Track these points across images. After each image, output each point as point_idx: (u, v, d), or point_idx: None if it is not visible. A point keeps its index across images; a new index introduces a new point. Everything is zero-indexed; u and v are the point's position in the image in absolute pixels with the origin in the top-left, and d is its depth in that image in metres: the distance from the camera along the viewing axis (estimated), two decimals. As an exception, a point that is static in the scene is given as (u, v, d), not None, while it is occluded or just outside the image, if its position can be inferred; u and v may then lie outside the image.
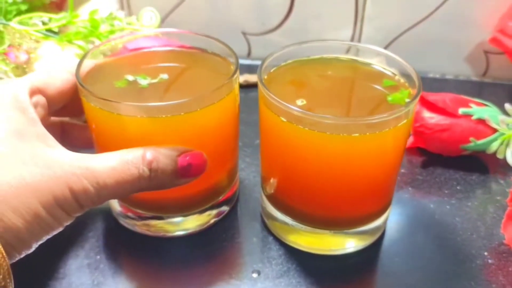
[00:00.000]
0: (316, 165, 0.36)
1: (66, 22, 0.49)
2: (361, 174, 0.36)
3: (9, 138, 0.30)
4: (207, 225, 0.43)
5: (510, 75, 0.64)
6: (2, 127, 0.31)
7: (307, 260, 0.41)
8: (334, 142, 0.34)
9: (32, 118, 0.32)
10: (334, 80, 0.41)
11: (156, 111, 0.34)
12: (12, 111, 0.32)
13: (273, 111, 0.36)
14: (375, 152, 0.35)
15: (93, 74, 0.40)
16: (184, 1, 0.66)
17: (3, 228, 0.28)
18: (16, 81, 0.34)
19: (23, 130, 0.31)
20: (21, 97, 0.33)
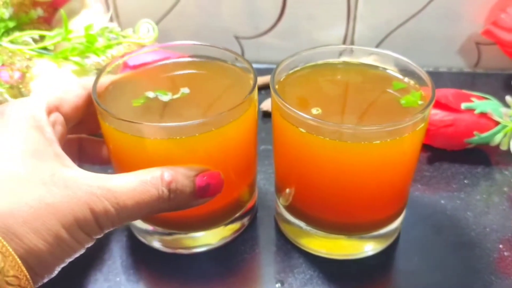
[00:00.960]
0: (336, 173, 0.36)
1: (62, 39, 0.48)
2: (381, 179, 0.37)
3: (27, 159, 0.29)
4: (230, 239, 0.42)
5: (501, 64, 0.66)
6: (19, 148, 0.30)
7: (328, 266, 0.41)
8: (355, 150, 0.34)
9: (49, 138, 0.32)
10: (344, 86, 0.41)
11: (177, 132, 0.34)
12: (29, 130, 0.31)
13: (290, 122, 0.35)
14: (395, 157, 0.36)
15: (109, 92, 0.39)
16: (174, 8, 0.65)
17: (25, 250, 0.27)
18: (32, 99, 0.33)
19: (41, 150, 0.30)
20: (38, 116, 0.32)
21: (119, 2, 0.65)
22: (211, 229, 0.41)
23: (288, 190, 0.41)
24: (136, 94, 0.39)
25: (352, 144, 0.34)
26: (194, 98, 0.38)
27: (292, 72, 0.41)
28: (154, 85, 0.40)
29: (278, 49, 0.67)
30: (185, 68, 0.43)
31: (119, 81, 0.41)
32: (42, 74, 0.49)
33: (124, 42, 0.49)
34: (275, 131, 0.40)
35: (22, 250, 0.27)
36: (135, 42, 0.49)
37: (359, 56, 0.42)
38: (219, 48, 0.43)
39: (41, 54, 0.50)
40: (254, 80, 0.38)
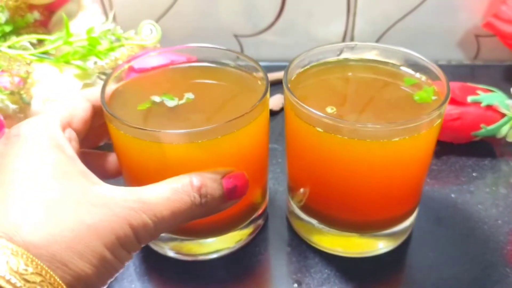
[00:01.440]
0: (353, 172, 0.36)
1: (63, 42, 0.47)
2: (398, 177, 0.36)
3: (56, 180, 0.28)
4: (246, 241, 0.42)
5: (500, 56, 0.66)
6: (45, 170, 0.29)
7: (344, 264, 0.40)
8: (373, 148, 0.34)
9: (70, 156, 0.30)
10: (355, 83, 0.40)
11: (196, 137, 0.33)
12: (50, 151, 0.30)
13: (306, 121, 0.35)
14: (412, 154, 0.35)
15: (115, 98, 0.38)
16: (171, 9, 0.64)
17: (73, 277, 0.26)
18: (45, 117, 0.32)
19: (67, 169, 0.29)
20: (56, 134, 0.31)
21: (116, 2, 0.64)
22: (227, 233, 0.40)
23: (303, 190, 0.40)
24: (141, 99, 0.38)
25: (370, 142, 0.33)
26: (203, 103, 0.38)
27: (303, 70, 0.41)
28: (161, 89, 0.39)
29: (277, 47, 0.67)
30: (191, 71, 0.42)
31: (125, 87, 0.40)
32: (44, 79, 0.48)
33: (127, 44, 0.48)
34: (288, 130, 0.39)
35: (69, 277, 0.26)
36: (138, 44, 0.48)
37: (363, 51, 0.42)
38: (225, 50, 0.42)
39: (41, 59, 0.49)
40: (266, 79, 0.37)
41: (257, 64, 0.40)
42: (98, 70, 0.47)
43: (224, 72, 0.42)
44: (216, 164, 0.35)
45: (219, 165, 0.35)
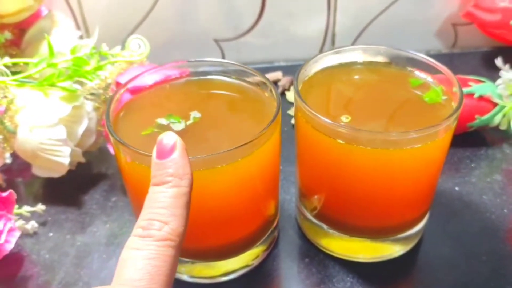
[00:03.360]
0: (370, 179, 0.36)
1: (47, 65, 0.44)
2: (416, 181, 0.36)
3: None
4: (263, 257, 0.41)
5: (477, 43, 0.67)
6: None
7: (364, 270, 0.40)
8: (393, 156, 0.34)
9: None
10: (363, 87, 0.40)
11: (206, 164, 0.32)
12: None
13: (321, 131, 0.34)
14: (430, 158, 0.35)
15: (117, 124, 0.36)
16: (148, 16, 0.62)
17: None
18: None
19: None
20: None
21: (88, 14, 0.61)
22: (245, 252, 0.39)
23: (317, 197, 0.40)
24: (145, 122, 0.36)
25: (392, 151, 0.33)
26: (211, 121, 0.36)
27: (309, 77, 0.40)
28: (163, 110, 0.38)
29: (259, 49, 0.65)
30: (191, 86, 0.41)
31: (126, 111, 0.38)
32: (28, 105, 0.45)
33: (116, 61, 0.45)
34: (300, 138, 0.38)
35: None
36: (127, 61, 0.46)
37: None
38: (226, 62, 0.41)
39: (22, 84, 0.46)
40: (277, 98, 0.36)
41: (261, 75, 0.38)
42: (87, 92, 0.45)
43: (226, 85, 0.41)
44: (229, 188, 0.34)
45: (232, 190, 0.34)
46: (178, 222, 0.27)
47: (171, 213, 0.27)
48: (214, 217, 0.35)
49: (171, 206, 0.27)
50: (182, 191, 0.28)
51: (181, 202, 0.28)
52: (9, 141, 0.46)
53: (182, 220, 0.27)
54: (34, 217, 0.45)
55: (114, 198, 0.48)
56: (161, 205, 0.27)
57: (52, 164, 0.45)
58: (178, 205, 0.27)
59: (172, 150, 0.29)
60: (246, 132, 0.35)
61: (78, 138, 0.46)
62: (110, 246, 0.43)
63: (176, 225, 0.27)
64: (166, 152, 0.29)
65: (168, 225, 0.27)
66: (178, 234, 0.27)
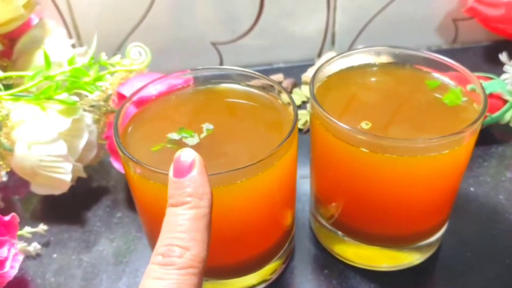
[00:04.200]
0: (393, 187, 0.34)
1: (44, 78, 0.42)
2: (439, 189, 0.35)
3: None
4: (281, 270, 0.39)
5: (477, 37, 0.67)
6: None
7: (386, 278, 0.39)
8: (418, 163, 0.32)
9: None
10: (381, 90, 0.38)
11: (223, 181, 0.30)
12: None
13: (341, 138, 0.33)
14: (455, 165, 0.34)
15: (125, 138, 0.35)
16: (142, 22, 0.59)
17: None
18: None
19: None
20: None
21: (79, 21, 0.58)
22: (264, 267, 0.37)
23: (335, 205, 0.38)
24: (155, 136, 0.35)
25: (417, 158, 0.32)
26: (224, 133, 0.35)
27: (323, 82, 0.38)
28: (173, 122, 0.36)
29: (258, 51, 0.64)
30: (198, 96, 0.39)
31: (134, 125, 0.36)
32: (25, 120, 0.43)
33: (117, 71, 0.43)
34: (316, 145, 0.37)
35: None
36: (128, 70, 0.44)
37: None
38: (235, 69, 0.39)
39: (17, 98, 0.43)
40: (293, 107, 0.34)
41: (271, 80, 0.37)
42: (88, 104, 0.42)
43: (234, 93, 0.39)
44: (248, 204, 0.32)
45: (252, 205, 0.32)
46: (200, 247, 0.25)
47: (192, 237, 0.25)
48: (233, 234, 0.34)
49: (191, 230, 0.26)
50: (202, 212, 0.26)
51: (202, 224, 0.26)
52: (5, 159, 0.43)
53: (204, 244, 0.26)
54: (35, 238, 0.43)
55: (118, 214, 0.46)
56: (180, 228, 0.26)
57: (52, 181, 0.43)
58: (199, 228, 0.26)
59: (191, 167, 0.27)
60: (263, 143, 0.34)
61: (79, 152, 0.44)
62: (118, 265, 0.41)
63: (197, 250, 0.25)
64: (184, 170, 0.27)
65: (189, 251, 0.25)
66: (200, 260, 0.25)
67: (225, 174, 0.30)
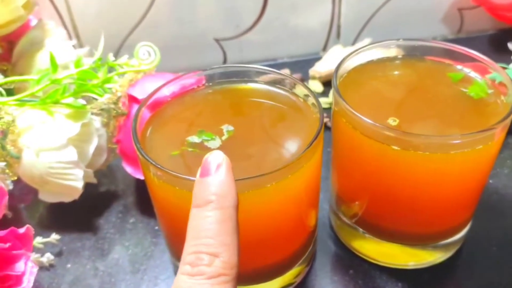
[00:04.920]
0: (421, 184, 0.33)
1: (50, 81, 0.40)
2: (467, 185, 0.34)
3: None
4: (305, 272, 0.38)
5: (482, 26, 0.66)
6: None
7: (412, 277, 0.38)
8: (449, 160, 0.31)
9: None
10: (405, 84, 0.37)
11: (248, 186, 0.29)
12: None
13: (368, 135, 0.32)
14: (485, 160, 0.33)
15: (144, 141, 0.33)
16: (143, 20, 0.58)
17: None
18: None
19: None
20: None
21: (78, 20, 0.57)
22: (290, 270, 0.36)
23: (358, 203, 0.37)
24: (174, 140, 0.33)
25: (451, 154, 0.31)
26: (246, 134, 0.33)
27: (344, 77, 0.37)
28: (191, 125, 0.35)
29: (262, 46, 0.62)
30: (213, 96, 0.38)
31: (152, 129, 0.35)
32: (32, 126, 0.41)
33: (125, 72, 0.42)
34: (340, 143, 0.36)
35: None
36: (137, 70, 0.42)
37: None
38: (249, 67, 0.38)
39: (22, 103, 0.42)
40: (318, 107, 0.33)
41: (291, 77, 0.36)
42: (98, 107, 0.41)
43: (251, 91, 0.38)
44: (276, 208, 0.31)
45: (280, 209, 0.31)
46: (230, 252, 0.24)
47: (220, 242, 0.24)
48: (260, 239, 0.32)
49: (219, 234, 0.24)
50: (227, 213, 0.24)
51: (229, 227, 0.24)
52: (12, 167, 0.42)
53: (234, 249, 0.24)
54: (47, 247, 0.42)
55: (131, 220, 0.44)
56: (207, 233, 0.24)
57: (63, 188, 0.41)
58: (227, 231, 0.24)
59: (218, 168, 0.26)
60: (287, 143, 0.33)
61: (89, 158, 0.42)
62: (136, 273, 0.40)
63: (228, 255, 0.23)
64: (211, 170, 0.26)
65: (219, 258, 0.23)
66: (231, 266, 0.23)
67: (256, 178, 0.28)
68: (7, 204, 0.37)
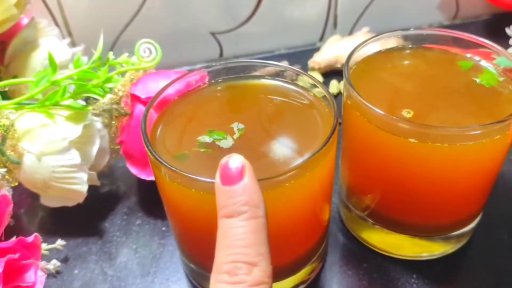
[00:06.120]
0: (437, 176, 0.33)
1: (49, 83, 0.39)
2: (482, 175, 0.34)
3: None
4: (319, 268, 0.38)
5: (478, 11, 0.66)
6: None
7: (426, 269, 0.38)
8: (467, 151, 0.31)
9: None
10: (416, 76, 0.37)
11: (280, 182, 0.28)
12: None
13: (383, 127, 0.31)
14: (499, 151, 0.33)
15: (154, 142, 0.32)
16: (137, 15, 0.56)
17: None
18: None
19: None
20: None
21: (70, 19, 0.55)
22: (306, 267, 0.36)
23: (371, 196, 0.37)
24: (184, 140, 0.32)
25: (470, 145, 0.30)
26: (257, 132, 0.33)
27: (353, 69, 0.36)
28: (200, 124, 0.34)
29: (258, 38, 0.61)
30: (221, 94, 0.37)
31: (161, 129, 0.34)
32: (33, 130, 0.39)
33: (126, 70, 0.40)
34: (352, 135, 0.35)
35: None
36: (138, 68, 0.41)
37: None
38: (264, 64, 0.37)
39: (20, 106, 0.40)
40: (327, 92, 0.33)
41: (298, 71, 0.35)
42: (100, 109, 0.39)
43: (257, 87, 0.37)
44: (293, 206, 0.31)
45: (297, 207, 0.31)
46: (267, 261, 0.24)
47: (257, 252, 0.24)
48: (278, 237, 0.32)
49: (255, 244, 0.24)
50: (261, 222, 0.24)
51: (264, 236, 0.24)
52: (13, 172, 0.40)
53: (269, 257, 0.24)
54: (52, 254, 0.41)
55: (138, 221, 0.44)
56: (242, 243, 0.24)
57: (67, 193, 0.40)
58: (262, 240, 0.24)
59: (242, 174, 0.25)
60: (301, 139, 0.32)
61: (92, 160, 0.41)
62: (146, 276, 0.39)
63: (265, 264, 0.24)
64: (235, 177, 0.25)
65: (257, 267, 0.23)
66: (269, 274, 0.24)
67: (275, 178, 0.28)
68: (11, 213, 0.36)
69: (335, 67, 0.57)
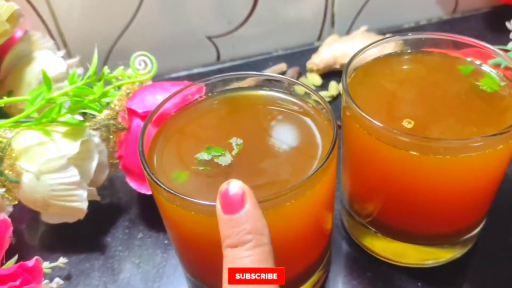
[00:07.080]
0: (439, 187, 0.32)
1: (45, 100, 0.38)
2: (485, 185, 0.34)
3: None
4: (323, 278, 0.38)
5: (476, 4, 0.65)
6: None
7: (431, 275, 0.38)
8: (471, 162, 0.30)
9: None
10: (416, 83, 0.36)
11: (281, 202, 0.28)
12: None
13: (383, 141, 0.31)
14: (505, 159, 0.32)
15: (151, 160, 0.32)
16: (132, 22, 0.55)
17: None
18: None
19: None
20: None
21: (65, 29, 0.54)
22: (310, 279, 0.36)
23: (372, 205, 0.37)
24: (183, 158, 0.32)
25: (472, 157, 0.30)
26: (256, 147, 0.32)
27: (352, 77, 0.36)
28: (197, 140, 0.33)
29: (255, 40, 0.60)
30: (218, 108, 0.36)
31: (158, 148, 0.33)
32: (30, 148, 0.39)
33: (122, 84, 0.40)
34: (354, 147, 0.35)
35: None
36: (134, 81, 0.41)
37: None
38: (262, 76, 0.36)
39: (17, 125, 0.40)
40: (325, 103, 0.32)
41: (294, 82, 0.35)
42: (98, 124, 0.39)
43: (255, 99, 0.36)
44: (296, 224, 0.30)
45: (300, 224, 0.31)
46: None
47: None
48: (281, 255, 0.31)
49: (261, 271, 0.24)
50: (267, 250, 0.24)
51: (270, 263, 0.24)
52: (12, 192, 0.40)
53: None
54: (55, 271, 0.40)
55: (139, 235, 0.43)
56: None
57: (67, 210, 0.40)
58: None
59: (243, 201, 0.25)
60: (302, 154, 0.32)
61: (91, 176, 0.41)
62: (150, 292, 0.39)
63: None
64: (236, 204, 0.25)
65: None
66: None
67: (276, 198, 0.27)
68: (12, 236, 0.36)
69: (334, 68, 0.56)
